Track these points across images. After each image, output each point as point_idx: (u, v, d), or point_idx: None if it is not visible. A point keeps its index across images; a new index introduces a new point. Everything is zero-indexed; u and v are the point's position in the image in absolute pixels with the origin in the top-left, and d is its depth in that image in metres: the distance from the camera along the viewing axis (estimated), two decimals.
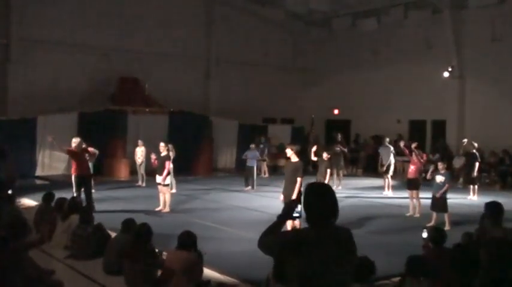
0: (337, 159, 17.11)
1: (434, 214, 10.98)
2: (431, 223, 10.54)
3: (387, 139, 17.04)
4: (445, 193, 10.95)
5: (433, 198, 11.06)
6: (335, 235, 3.31)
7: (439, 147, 20.94)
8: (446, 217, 10.79)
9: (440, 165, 11.60)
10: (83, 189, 11.62)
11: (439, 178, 11.08)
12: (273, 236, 3.37)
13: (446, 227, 10.36)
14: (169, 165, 12.37)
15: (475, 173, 15.45)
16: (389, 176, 16.17)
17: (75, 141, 12.00)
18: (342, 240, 3.33)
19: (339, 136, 19.07)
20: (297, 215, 3.49)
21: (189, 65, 23.94)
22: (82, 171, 11.78)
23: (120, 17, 21.56)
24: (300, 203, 3.49)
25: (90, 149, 12.63)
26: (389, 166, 16.20)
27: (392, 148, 16.53)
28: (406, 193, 13.31)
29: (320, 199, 3.33)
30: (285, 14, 25.16)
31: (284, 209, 3.52)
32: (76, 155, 11.95)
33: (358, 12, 24.50)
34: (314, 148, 14.24)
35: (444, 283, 5.93)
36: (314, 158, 13.95)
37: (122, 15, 21.62)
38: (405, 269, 5.50)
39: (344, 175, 18.12)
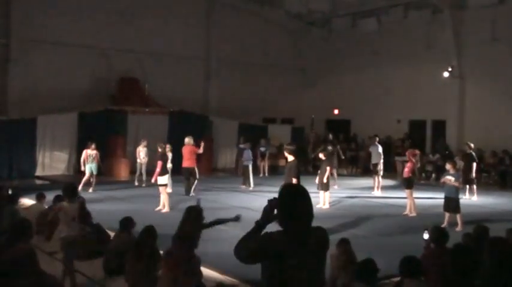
0: (329, 158, 17.14)
1: (446, 215, 10.85)
2: (444, 224, 10.30)
3: (377, 138, 17.10)
4: (456, 193, 10.89)
5: (446, 199, 10.94)
6: (309, 239, 3.20)
7: (439, 147, 20.94)
8: (458, 217, 10.72)
9: (448, 165, 11.37)
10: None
11: (450, 179, 10.96)
12: (247, 243, 3.22)
13: (459, 228, 10.33)
14: (161, 164, 12.45)
15: (474, 174, 15.35)
16: (379, 175, 16.15)
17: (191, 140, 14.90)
18: (316, 243, 3.23)
19: (330, 136, 19.32)
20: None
21: (189, 65, 23.93)
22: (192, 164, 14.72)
23: (120, 17, 21.55)
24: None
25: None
26: (377, 165, 16.18)
27: (380, 148, 16.53)
28: (401, 193, 13.31)
29: (293, 202, 3.23)
30: (285, 14, 25.14)
31: (264, 216, 3.34)
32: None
33: (358, 12, 24.52)
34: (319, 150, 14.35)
35: (445, 283, 5.92)
36: (322, 156, 13.92)
37: (122, 15, 21.61)
38: (401, 271, 5.47)
39: (338, 175, 18.07)
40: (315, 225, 3.40)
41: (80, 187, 15.05)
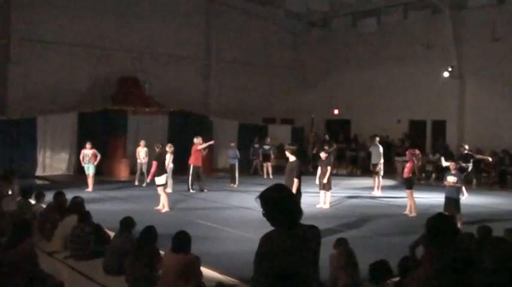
0: (328, 158, 17.13)
1: None
2: None
3: (377, 139, 17.07)
4: (457, 193, 10.87)
5: (446, 199, 10.89)
6: (301, 236, 3.24)
7: (439, 147, 20.94)
8: (458, 218, 10.72)
9: (451, 165, 11.33)
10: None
11: (452, 179, 10.91)
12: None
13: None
14: (155, 165, 12.52)
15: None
16: (379, 175, 16.14)
17: (199, 139, 15.83)
18: (309, 241, 3.26)
19: (326, 136, 19.39)
20: None
21: (189, 65, 23.94)
22: (199, 163, 15.69)
23: (120, 17, 21.56)
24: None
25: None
26: (377, 165, 16.17)
27: (381, 148, 16.52)
28: (401, 193, 13.27)
29: (280, 201, 3.27)
30: (285, 14, 25.14)
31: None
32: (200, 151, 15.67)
33: (358, 12, 24.52)
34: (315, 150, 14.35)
35: (444, 283, 5.92)
36: (322, 156, 13.88)
37: (122, 15, 21.61)
38: (400, 271, 5.48)
39: (338, 175, 18.07)
40: (314, 224, 3.42)
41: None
